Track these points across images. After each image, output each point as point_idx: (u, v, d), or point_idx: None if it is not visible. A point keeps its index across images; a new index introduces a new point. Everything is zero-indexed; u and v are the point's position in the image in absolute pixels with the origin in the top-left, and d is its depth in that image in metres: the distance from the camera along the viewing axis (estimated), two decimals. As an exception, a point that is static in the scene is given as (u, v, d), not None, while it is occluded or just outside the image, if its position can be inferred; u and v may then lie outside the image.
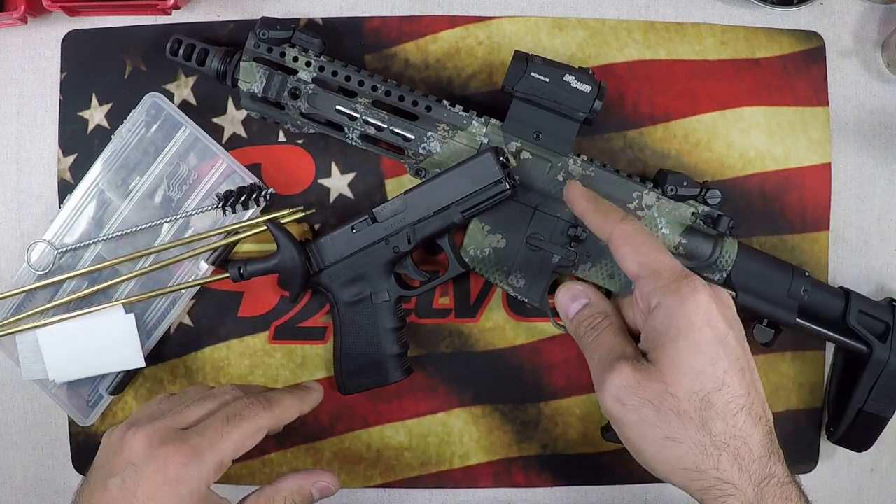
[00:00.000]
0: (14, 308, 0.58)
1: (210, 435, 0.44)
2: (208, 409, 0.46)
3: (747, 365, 0.43)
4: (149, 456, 0.42)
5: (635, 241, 0.45)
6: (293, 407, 0.49)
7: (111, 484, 0.42)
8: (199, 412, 0.46)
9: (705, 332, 0.41)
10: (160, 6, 0.57)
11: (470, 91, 0.59)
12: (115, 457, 0.43)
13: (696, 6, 0.60)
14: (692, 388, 0.41)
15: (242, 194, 0.57)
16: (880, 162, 0.60)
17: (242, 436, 0.45)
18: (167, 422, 0.45)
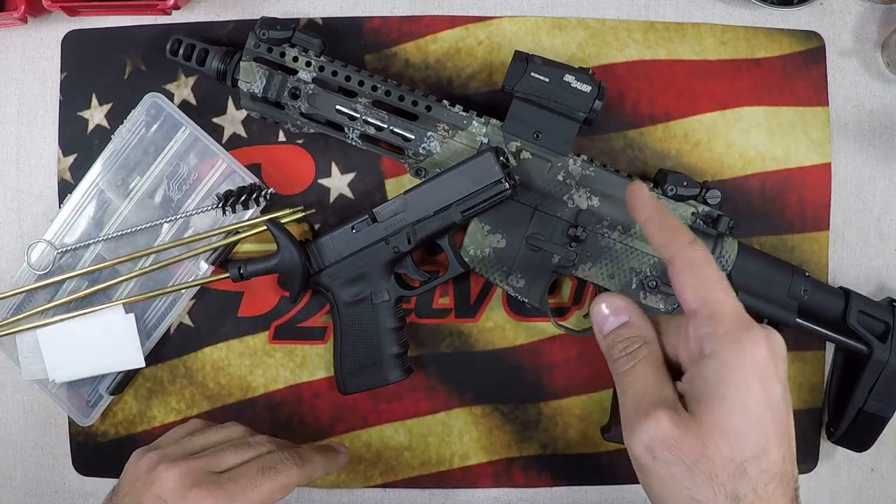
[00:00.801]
0: (14, 308, 0.58)
1: (244, 484, 0.45)
2: (243, 457, 0.47)
3: (788, 429, 0.38)
4: (180, 497, 0.43)
5: (701, 273, 0.39)
6: (322, 467, 0.50)
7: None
8: (234, 459, 0.47)
9: (757, 394, 0.37)
10: (160, 6, 0.57)
11: (470, 91, 0.59)
12: (145, 489, 0.44)
13: (696, 6, 0.60)
14: (730, 454, 0.36)
15: (242, 194, 0.57)
16: (880, 162, 0.60)
17: (273, 489, 0.46)
18: (201, 463, 0.45)
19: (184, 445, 0.48)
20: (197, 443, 0.49)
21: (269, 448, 0.49)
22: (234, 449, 0.48)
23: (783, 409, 0.38)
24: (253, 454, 0.48)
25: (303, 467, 0.48)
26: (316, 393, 0.59)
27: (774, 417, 0.37)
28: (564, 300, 0.59)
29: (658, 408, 0.38)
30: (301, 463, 0.48)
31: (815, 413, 0.60)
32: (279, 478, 0.46)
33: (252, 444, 0.49)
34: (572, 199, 0.54)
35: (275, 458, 0.48)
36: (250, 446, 0.49)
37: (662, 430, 0.37)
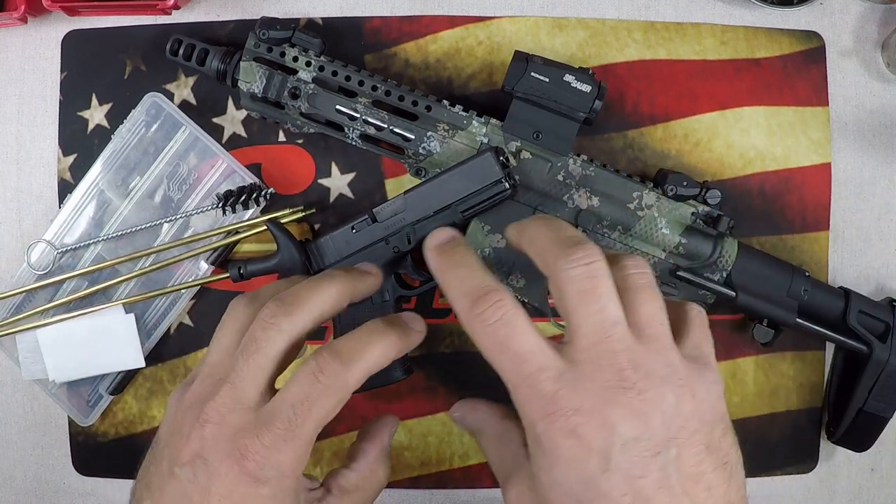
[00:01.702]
0: (14, 308, 0.58)
1: (280, 430, 0.35)
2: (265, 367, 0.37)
3: (639, 495, 0.32)
4: (221, 451, 0.35)
5: (488, 353, 0.35)
6: (383, 355, 0.38)
7: (180, 474, 0.36)
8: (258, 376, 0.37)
9: (566, 472, 0.33)
10: (160, 6, 0.57)
11: (470, 91, 0.59)
12: (182, 442, 0.36)
13: (696, 6, 0.60)
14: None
15: (242, 194, 0.57)
16: (880, 162, 0.60)
17: (318, 421, 0.36)
18: (230, 397, 0.36)
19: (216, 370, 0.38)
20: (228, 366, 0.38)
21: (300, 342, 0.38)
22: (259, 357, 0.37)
23: (621, 476, 0.32)
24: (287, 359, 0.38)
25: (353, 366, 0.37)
26: (316, 393, 0.59)
27: (605, 490, 0.32)
28: (564, 300, 0.59)
29: (506, 482, 0.37)
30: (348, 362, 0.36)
31: (815, 413, 0.60)
32: (329, 395, 0.36)
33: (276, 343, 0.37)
34: (572, 199, 0.54)
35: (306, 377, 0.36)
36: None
37: (513, 502, 0.36)
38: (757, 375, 0.60)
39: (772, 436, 0.60)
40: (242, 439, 0.35)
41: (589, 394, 0.32)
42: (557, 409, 0.32)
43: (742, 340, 0.59)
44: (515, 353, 0.34)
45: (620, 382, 0.33)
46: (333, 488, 0.40)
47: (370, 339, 0.38)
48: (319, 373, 0.36)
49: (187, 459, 0.36)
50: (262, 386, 0.37)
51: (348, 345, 0.37)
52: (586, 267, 0.34)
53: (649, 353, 0.34)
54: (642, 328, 0.34)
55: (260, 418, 0.36)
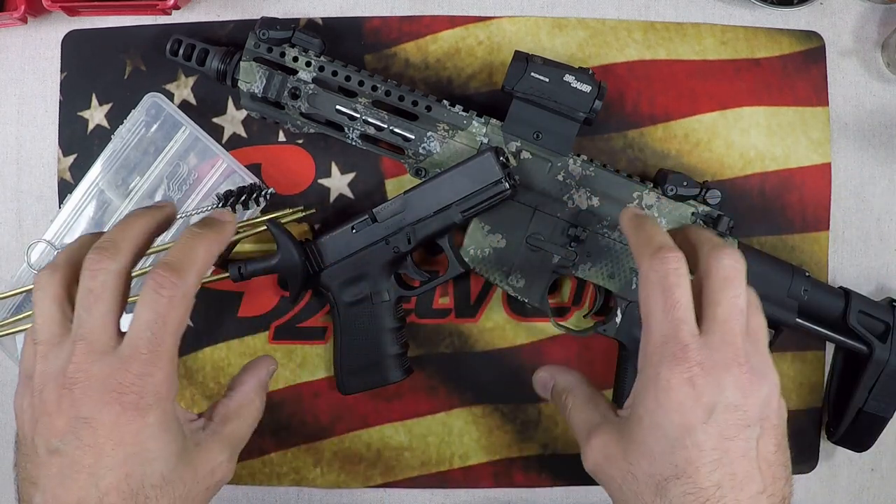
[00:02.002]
0: (14, 308, 0.58)
1: (146, 355, 0.37)
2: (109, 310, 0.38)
3: (725, 456, 0.37)
4: (97, 401, 0.36)
5: (647, 289, 0.40)
6: (207, 254, 0.41)
7: (61, 446, 0.36)
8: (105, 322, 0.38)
9: (673, 418, 0.37)
10: (160, 6, 0.57)
11: (470, 91, 0.59)
12: (52, 418, 0.36)
13: (696, 6, 0.60)
14: (650, 472, 0.38)
15: (242, 194, 0.57)
16: (880, 162, 0.60)
17: (174, 332, 0.38)
18: (85, 351, 0.37)
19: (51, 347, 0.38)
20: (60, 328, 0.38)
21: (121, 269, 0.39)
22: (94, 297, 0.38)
23: (710, 438, 0.37)
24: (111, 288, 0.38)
25: (183, 278, 0.38)
26: (316, 393, 0.59)
27: (700, 441, 0.37)
28: (564, 300, 0.59)
29: (591, 434, 0.41)
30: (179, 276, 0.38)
31: (815, 413, 0.60)
32: (170, 320, 0.38)
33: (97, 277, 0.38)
34: (572, 199, 0.54)
35: (150, 298, 0.37)
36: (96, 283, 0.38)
37: (596, 452, 0.41)
38: (757, 375, 0.60)
39: (772, 436, 0.60)
40: (113, 379, 0.36)
41: (712, 356, 0.38)
42: (686, 357, 0.38)
43: (742, 340, 0.59)
44: (674, 300, 0.39)
45: (737, 359, 0.38)
46: (214, 416, 0.42)
47: (192, 243, 0.40)
48: (161, 288, 0.37)
49: (64, 428, 0.36)
50: (112, 329, 0.38)
51: (176, 255, 0.39)
52: (734, 261, 0.40)
53: (754, 348, 0.40)
54: (751, 331, 0.40)
55: (122, 354, 0.37)
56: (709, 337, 0.39)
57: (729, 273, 0.40)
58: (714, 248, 0.41)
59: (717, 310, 0.39)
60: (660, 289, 0.39)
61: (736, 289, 0.40)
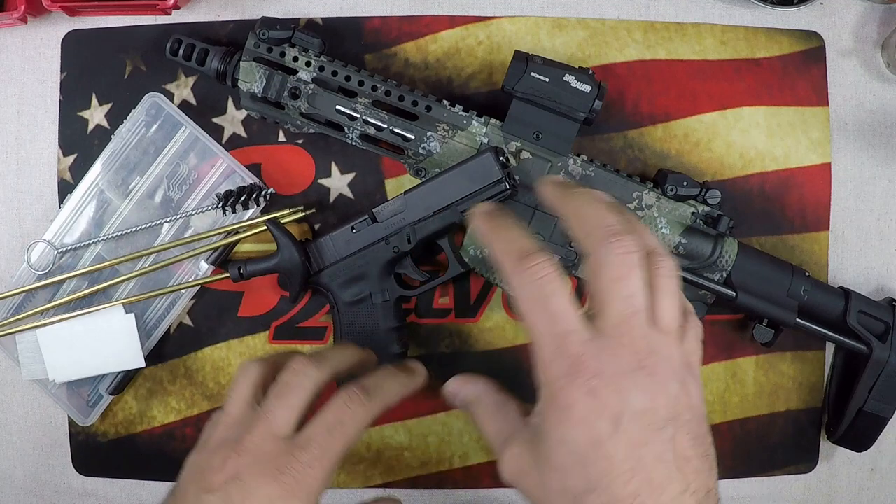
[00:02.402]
0: (14, 308, 0.58)
1: (316, 450, 0.40)
2: (297, 405, 0.42)
3: (639, 463, 0.35)
4: (258, 471, 0.39)
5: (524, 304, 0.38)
6: (397, 392, 0.45)
7: (209, 500, 0.39)
8: (291, 413, 0.42)
9: (578, 433, 0.36)
10: (160, 6, 0.57)
11: (470, 91, 0.59)
12: (213, 474, 0.40)
13: (696, 6, 0.60)
14: (562, 487, 0.36)
15: (242, 194, 0.57)
16: (880, 162, 0.60)
17: (346, 443, 0.42)
18: (265, 431, 0.41)
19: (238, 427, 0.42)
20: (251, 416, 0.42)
21: (322, 383, 0.43)
22: (287, 399, 0.42)
23: (627, 442, 0.35)
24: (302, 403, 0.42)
25: (372, 405, 0.43)
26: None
27: (610, 453, 0.35)
28: (564, 300, 0.59)
29: (504, 446, 0.40)
30: (369, 400, 0.43)
31: (815, 413, 0.60)
32: (349, 432, 0.41)
33: (302, 383, 0.43)
34: (572, 199, 0.54)
35: (340, 408, 0.42)
36: (303, 388, 0.43)
37: (510, 464, 0.39)
38: (757, 375, 0.60)
39: (772, 436, 0.60)
40: (280, 459, 0.40)
41: (610, 363, 0.36)
42: (581, 369, 0.36)
43: (742, 340, 0.59)
44: (552, 312, 0.36)
45: (638, 361, 0.36)
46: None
47: (387, 378, 0.45)
48: (350, 402, 0.42)
49: (220, 484, 0.39)
50: (294, 421, 0.42)
51: (371, 382, 0.44)
52: (627, 256, 0.37)
53: (662, 344, 0.37)
54: (660, 322, 0.37)
55: (296, 443, 0.41)
56: (603, 341, 0.36)
57: (619, 270, 0.37)
58: (601, 239, 0.37)
59: (608, 310, 0.36)
60: (535, 302, 0.37)
61: (630, 285, 0.36)
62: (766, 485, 0.60)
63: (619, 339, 0.36)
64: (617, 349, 0.36)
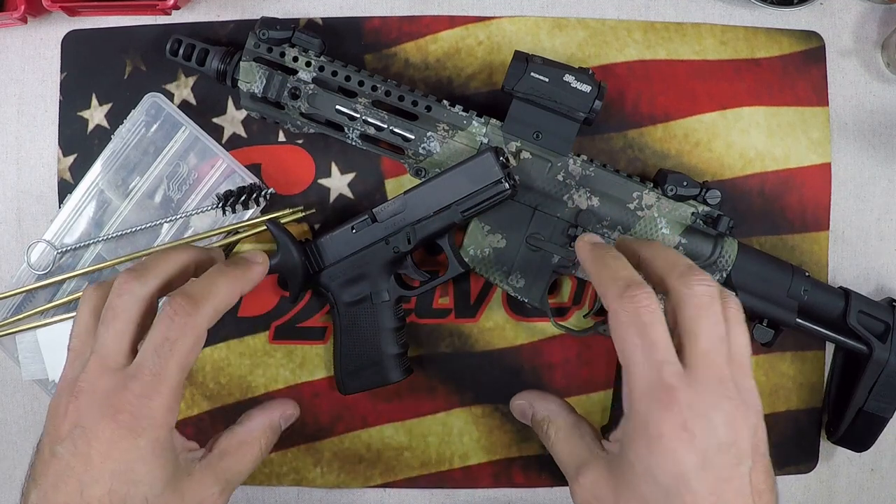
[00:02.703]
0: (14, 308, 0.58)
1: (148, 377, 0.38)
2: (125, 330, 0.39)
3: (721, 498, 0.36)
4: (96, 413, 0.37)
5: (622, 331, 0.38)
6: (229, 291, 0.41)
7: (59, 451, 0.37)
8: (119, 339, 0.39)
9: (665, 465, 0.36)
10: (160, 6, 0.57)
11: (470, 91, 0.59)
12: (59, 421, 0.38)
13: (696, 6, 0.60)
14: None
15: (242, 194, 0.57)
16: (880, 162, 0.60)
17: (180, 362, 0.38)
18: (97, 365, 0.39)
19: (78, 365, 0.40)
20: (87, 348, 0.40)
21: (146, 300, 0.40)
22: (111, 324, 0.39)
23: (712, 478, 0.36)
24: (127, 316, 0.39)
25: (200, 311, 0.39)
26: (316, 393, 0.59)
27: (695, 488, 0.36)
28: (564, 300, 0.59)
29: (580, 471, 0.40)
30: (195, 308, 0.39)
31: (815, 413, 0.60)
32: (183, 342, 0.38)
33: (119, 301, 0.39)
34: (572, 199, 0.54)
35: (165, 322, 0.38)
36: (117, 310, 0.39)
37: (585, 491, 0.40)
38: (757, 375, 0.59)
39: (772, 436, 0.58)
40: (114, 396, 0.37)
41: (701, 394, 0.37)
42: (674, 402, 0.36)
43: (742, 340, 0.59)
44: (651, 340, 0.37)
45: (726, 392, 0.37)
46: (213, 448, 0.42)
47: (216, 279, 0.41)
48: (174, 315, 0.38)
49: (66, 433, 0.38)
50: (125, 348, 0.39)
51: (197, 287, 0.40)
52: (709, 288, 0.39)
53: (741, 375, 0.39)
54: (734, 356, 0.39)
55: (128, 373, 0.38)
56: (694, 372, 0.37)
57: (703, 300, 0.39)
58: (682, 274, 0.39)
59: (697, 342, 0.38)
60: (635, 330, 0.38)
61: (713, 316, 0.39)
62: (766, 485, 0.60)
63: (708, 369, 0.37)
64: (707, 380, 0.37)
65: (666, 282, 0.40)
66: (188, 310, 0.39)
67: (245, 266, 0.43)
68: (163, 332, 0.38)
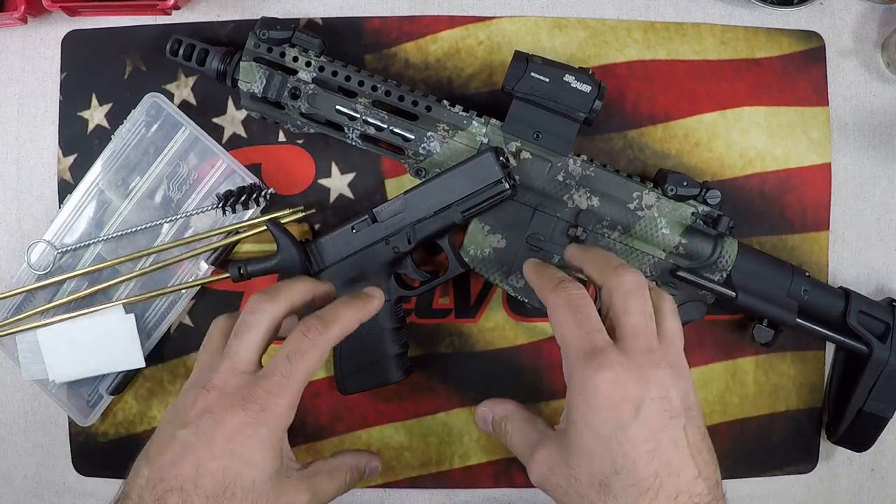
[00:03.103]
0: (14, 308, 0.58)
1: (278, 377, 0.42)
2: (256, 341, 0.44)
3: (661, 444, 0.40)
4: (226, 403, 0.42)
5: (557, 314, 0.44)
6: (353, 319, 0.46)
7: (182, 434, 0.41)
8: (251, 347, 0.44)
9: (604, 416, 0.40)
10: (160, 6, 0.57)
11: (470, 91, 0.59)
12: (186, 411, 0.42)
13: (696, 6, 0.60)
14: (590, 471, 0.40)
15: (242, 194, 0.57)
16: (880, 162, 0.60)
17: (307, 370, 0.43)
18: (230, 367, 0.43)
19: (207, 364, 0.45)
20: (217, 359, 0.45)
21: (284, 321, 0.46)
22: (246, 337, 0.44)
23: (641, 429, 0.40)
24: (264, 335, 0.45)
25: (328, 332, 0.44)
26: (316, 393, 0.59)
27: (630, 437, 0.40)
28: (564, 300, 0.59)
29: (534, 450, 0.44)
30: (325, 329, 0.44)
31: (815, 413, 0.60)
32: (308, 357, 0.43)
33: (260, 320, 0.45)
34: (572, 199, 0.54)
35: (296, 338, 0.44)
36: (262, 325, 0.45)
37: (540, 465, 0.43)
38: (757, 375, 0.60)
39: (772, 436, 0.60)
40: (245, 390, 0.42)
41: (631, 359, 0.41)
42: (606, 361, 0.40)
43: (742, 340, 0.59)
44: (582, 315, 0.42)
45: (653, 357, 0.42)
46: (310, 466, 0.47)
47: (343, 307, 0.46)
48: (307, 331, 0.44)
49: (193, 418, 0.42)
50: (255, 356, 0.44)
51: (327, 312, 0.46)
52: (637, 277, 0.44)
53: (670, 351, 0.43)
54: (665, 335, 0.44)
55: (258, 374, 0.43)
56: (624, 343, 0.42)
57: (631, 286, 0.43)
58: (615, 269, 0.44)
59: (626, 319, 0.42)
60: (567, 309, 0.43)
61: (640, 298, 0.43)
62: (766, 485, 0.60)
63: (637, 341, 0.42)
64: (636, 350, 0.41)
65: (600, 279, 0.45)
66: (320, 329, 0.44)
67: (366, 299, 0.48)
68: (296, 344, 0.43)
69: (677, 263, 0.54)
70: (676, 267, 0.54)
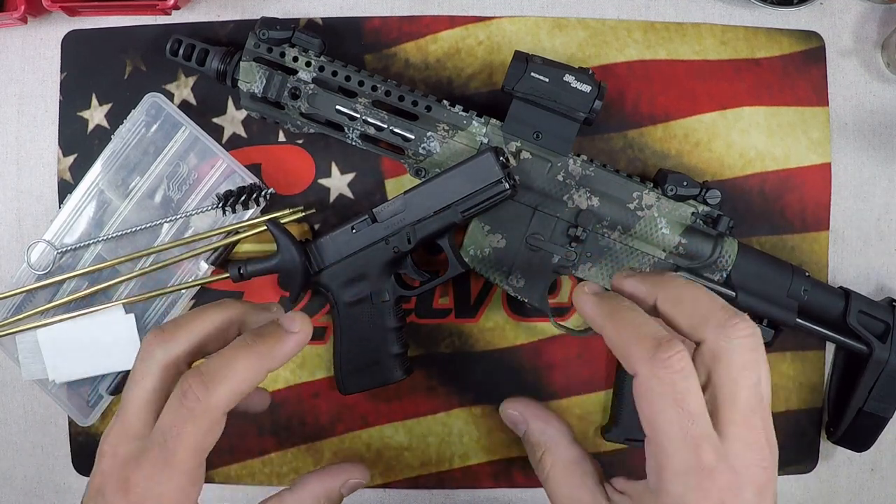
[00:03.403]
0: (14, 308, 0.58)
1: (157, 459, 0.35)
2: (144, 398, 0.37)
3: None
4: (114, 484, 0.35)
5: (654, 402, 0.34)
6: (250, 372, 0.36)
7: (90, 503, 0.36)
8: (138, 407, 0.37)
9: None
10: (160, 6, 0.57)
11: (470, 91, 0.59)
12: (91, 478, 0.37)
13: (696, 6, 0.60)
14: None
15: (242, 194, 0.57)
16: (880, 162, 0.60)
17: (191, 448, 0.35)
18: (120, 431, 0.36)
19: None
20: None
21: None
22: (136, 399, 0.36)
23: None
24: None
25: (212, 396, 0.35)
26: (316, 393, 0.59)
27: None
28: (564, 300, 0.59)
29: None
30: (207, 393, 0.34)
31: (815, 413, 0.60)
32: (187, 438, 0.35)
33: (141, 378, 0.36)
34: (572, 199, 0.54)
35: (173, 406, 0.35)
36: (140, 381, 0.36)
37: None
38: (757, 375, 0.60)
39: (772, 436, 0.60)
40: (127, 470, 0.35)
41: (738, 472, 0.33)
42: (714, 486, 0.32)
43: (742, 340, 0.59)
44: (689, 412, 0.33)
45: (760, 459, 0.33)
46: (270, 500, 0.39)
47: (235, 355, 0.36)
48: (183, 398, 0.35)
49: (92, 495, 0.36)
50: (143, 416, 0.36)
51: (212, 366, 0.35)
52: (753, 339, 0.34)
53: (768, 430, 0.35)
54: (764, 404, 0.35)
55: (142, 448, 0.35)
56: (731, 445, 0.33)
57: (747, 359, 0.34)
58: (720, 325, 0.34)
59: (736, 407, 0.34)
60: (670, 401, 0.33)
61: (755, 374, 0.34)
62: (766, 485, 0.60)
63: (748, 438, 0.34)
64: (743, 454, 0.33)
65: (699, 332, 0.35)
66: (199, 393, 0.34)
67: (275, 338, 0.37)
68: (171, 416, 0.35)
69: (677, 263, 0.54)
70: (676, 267, 0.54)
